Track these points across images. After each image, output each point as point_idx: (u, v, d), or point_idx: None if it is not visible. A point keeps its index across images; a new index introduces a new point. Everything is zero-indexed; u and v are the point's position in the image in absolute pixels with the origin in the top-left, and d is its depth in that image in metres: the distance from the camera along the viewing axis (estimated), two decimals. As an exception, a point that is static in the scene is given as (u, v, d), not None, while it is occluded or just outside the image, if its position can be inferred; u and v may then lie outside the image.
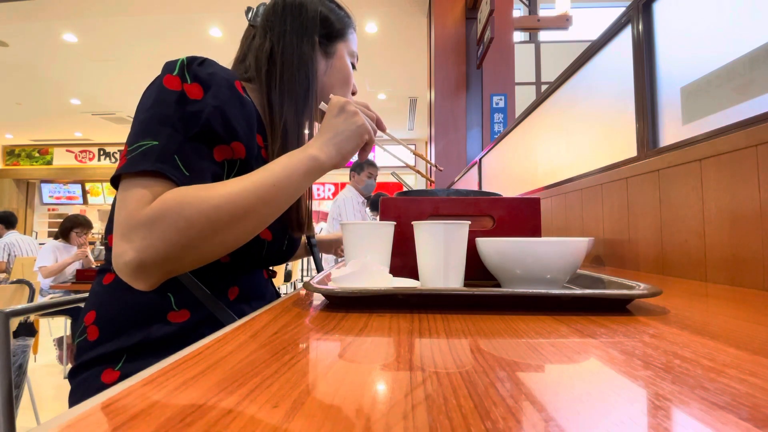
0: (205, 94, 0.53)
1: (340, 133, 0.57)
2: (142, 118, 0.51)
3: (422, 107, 7.10)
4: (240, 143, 0.57)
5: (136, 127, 0.51)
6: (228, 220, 0.48)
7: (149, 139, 0.49)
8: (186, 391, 0.21)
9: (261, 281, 0.72)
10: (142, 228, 0.46)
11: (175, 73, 0.53)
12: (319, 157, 0.55)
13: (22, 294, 1.91)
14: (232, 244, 0.52)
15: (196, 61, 0.55)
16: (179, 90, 0.52)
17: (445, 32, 3.84)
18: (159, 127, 0.50)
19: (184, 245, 0.47)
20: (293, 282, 4.52)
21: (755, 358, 0.26)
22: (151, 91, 0.53)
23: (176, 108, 0.51)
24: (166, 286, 0.57)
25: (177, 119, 0.51)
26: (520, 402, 0.19)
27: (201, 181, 0.52)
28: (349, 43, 0.75)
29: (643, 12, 0.95)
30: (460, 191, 0.64)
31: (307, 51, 0.68)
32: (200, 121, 0.52)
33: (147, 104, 0.52)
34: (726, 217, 0.65)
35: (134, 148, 0.49)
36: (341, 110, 0.59)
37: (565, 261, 0.48)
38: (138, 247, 0.46)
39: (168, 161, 0.49)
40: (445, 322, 0.37)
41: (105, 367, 0.55)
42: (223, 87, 0.55)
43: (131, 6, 4.35)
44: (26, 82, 6.22)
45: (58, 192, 10.08)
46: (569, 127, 1.35)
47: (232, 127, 0.55)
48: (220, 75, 0.56)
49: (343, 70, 0.73)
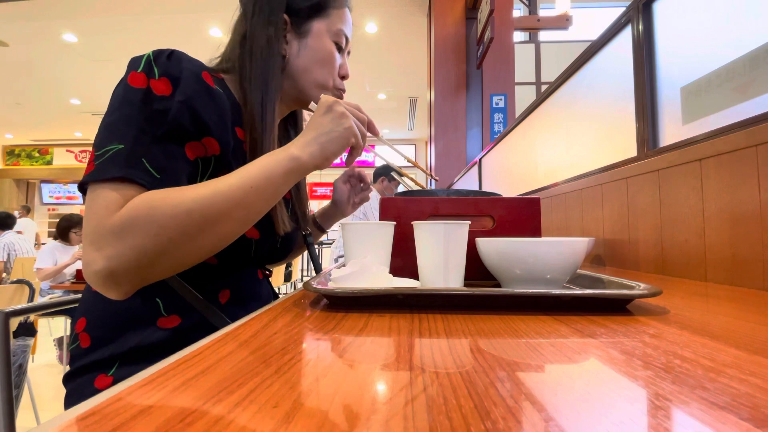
0: (174, 90, 0.51)
1: (326, 133, 0.54)
2: (108, 120, 0.49)
3: (422, 107, 7.09)
4: (212, 138, 0.54)
5: (102, 131, 0.49)
6: (202, 225, 0.46)
7: (116, 143, 0.47)
8: (186, 392, 0.21)
9: (255, 282, 0.69)
10: (110, 235, 0.44)
11: (140, 70, 0.50)
12: (300, 157, 0.52)
13: (22, 294, 1.91)
14: (210, 249, 0.50)
15: (164, 54, 0.52)
16: (145, 87, 0.50)
17: (445, 32, 3.85)
18: (125, 129, 0.47)
19: (157, 252, 0.45)
20: (293, 282, 4.53)
21: (755, 358, 0.26)
22: (117, 90, 0.51)
23: (141, 107, 0.49)
24: (153, 291, 0.56)
25: (143, 119, 0.48)
26: (520, 402, 0.19)
27: (174, 182, 0.49)
28: (331, 20, 0.68)
29: (643, 12, 0.95)
30: (460, 191, 0.64)
31: (272, 32, 0.63)
32: (167, 118, 0.49)
33: (114, 105, 0.50)
34: (726, 217, 0.65)
35: (101, 153, 0.47)
36: (329, 110, 0.56)
37: (565, 261, 0.48)
38: (108, 255, 0.44)
39: (136, 165, 0.47)
40: (445, 322, 0.37)
41: (98, 373, 0.55)
42: (191, 80, 0.52)
43: (131, 6, 4.35)
44: (26, 82, 6.22)
45: (58, 192, 10.08)
46: (569, 127, 1.35)
47: (202, 121, 0.52)
48: (188, 68, 0.53)
49: (321, 50, 0.68)
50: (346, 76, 0.73)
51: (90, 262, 0.44)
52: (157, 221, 0.44)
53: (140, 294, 0.54)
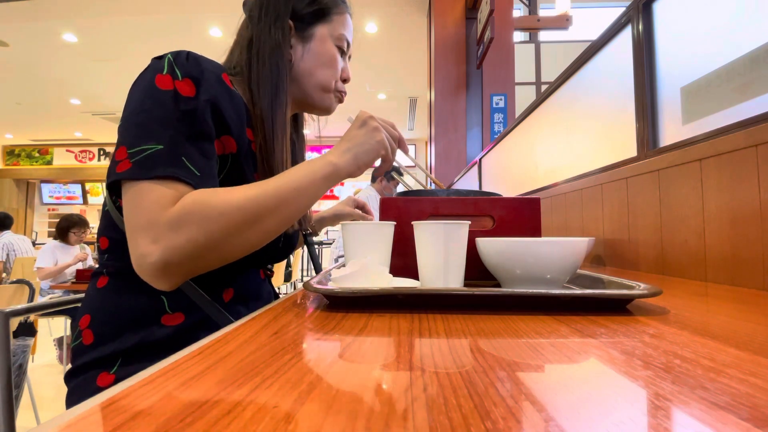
0: (198, 91, 0.53)
1: (360, 144, 0.59)
2: (138, 120, 0.50)
3: (422, 107, 7.10)
4: (231, 137, 0.58)
5: (132, 129, 0.50)
6: (250, 222, 0.50)
7: (152, 143, 0.49)
8: (186, 392, 0.21)
9: (257, 281, 0.71)
10: (167, 229, 0.47)
11: (165, 72, 0.53)
12: (337, 164, 0.57)
13: (22, 294, 1.91)
14: (254, 243, 0.53)
15: (182, 56, 0.55)
16: (172, 89, 0.52)
17: (445, 32, 3.84)
18: (161, 130, 0.50)
19: (208, 246, 0.48)
20: (293, 282, 4.52)
21: (755, 358, 0.26)
22: (141, 90, 0.53)
23: (173, 108, 0.51)
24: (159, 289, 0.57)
25: (176, 120, 0.51)
26: (520, 402, 0.19)
27: (211, 178, 0.53)
28: (333, 25, 0.71)
29: (643, 12, 0.95)
30: (460, 191, 0.64)
31: (278, 37, 0.66)
32: (196, 119, 0.52)
33: (142, 105, 0.51)
34: (726, 217, 0.65)
35: (136, 152, 0.49)
36: (364, 123, 0.60)
37: (565, 261, 0.48)
38: (164, 247, 0.47)
39: (179, 164, 0.50)
40: (445, 322, 0.37)
41: (100, 371, 0.55)
42: (213, 81, 0.55)
43: (131, 6, 4.35)
44: (26, 82, 6.22)
45: (58, 192, 10.08)
46: (569, 127, 1.35)
47: (224, 120, 0.56)
48: (209, 69, 0.56)
49: (324, 54, 0.70)
50: (347, 79, 0.75)
51: (145, 254, 0.47)
52: (209, 217, 0.48)
53: (146, 292, 0.55)
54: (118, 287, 0.59)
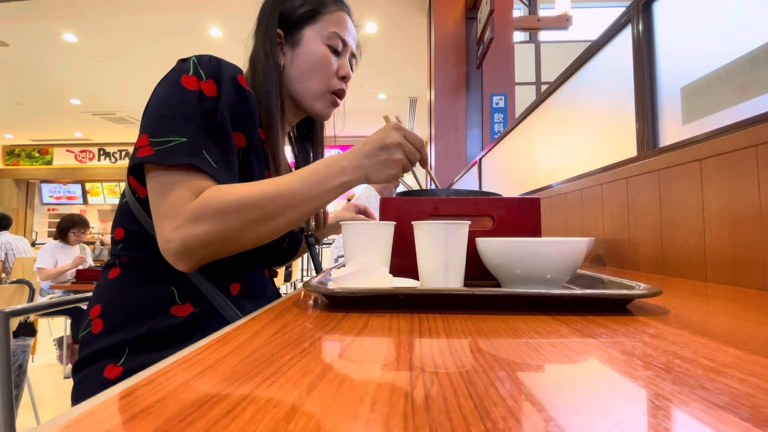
0: (219, 91, 0.58)
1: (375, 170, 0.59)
2: (165, 113, 0.54)
3: (422, 107, 7.09)
4: (240, 133, 0.61)
5: (157, 120, 0.54)
6: (262, 219, 0.55)
7: (177, 136, 0.53)
8: (186, 391, 0.21)
9: (262, 280, 0.73)
10: (187, 221, 0.52)
11: (191, 74, 0.57)
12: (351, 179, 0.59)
13: (22, 294, 1.91)
14: (265, 237, 0.57)
15: (204, 59, 0.59)
16: (197, 89, 0.56)
17: (445, 32, 3.84)
18: (185, 126, 0.54)
19: (222, 237, 0.53)
20: (293, 282, 4.52)
21: (755, 358, 0.26)
22: (168, 86, 0.57)
23: (197, 107, 0.55)
24: (170, 280, 0.60)
25: (199, 117, 0.55)
26: (520, 402, 0.19)
27: (229, 171, 0.58)
28: (322, 25, 0.71)
29: (643, 12, 0.95)
30: (460, 191, 0.64)
31: (268, 47, 0.70)
32: (217, 117, 0.56)
33: (168, 100, 0.55)
34: (726, 217, 0.65)
35: (161, 142, 0.53)
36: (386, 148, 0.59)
37: (565, 261, 0.48)
38: (183, 235, 0.52)
39: (199, 155, 0.54)
40: (445, 322, 0.37)
41: (108, 363, 0.56)
42: (230, 82, 0.59)
43: (131, 6, 4.35)
44: (26, 82, 6.21)
45: (58, 192, 10.07)
46: (569, 127, 1.35)
47: (236, 118, 0.60)
48: (227, 71, 0.60)
49: (311, 56, 0.71)
50: (346, 76, 0.74)
51: (169, 240, 0.52)
52: (225, 213, 0.52)
53: (157, 282, 0.59)
54: (130, 278, 0.61)
